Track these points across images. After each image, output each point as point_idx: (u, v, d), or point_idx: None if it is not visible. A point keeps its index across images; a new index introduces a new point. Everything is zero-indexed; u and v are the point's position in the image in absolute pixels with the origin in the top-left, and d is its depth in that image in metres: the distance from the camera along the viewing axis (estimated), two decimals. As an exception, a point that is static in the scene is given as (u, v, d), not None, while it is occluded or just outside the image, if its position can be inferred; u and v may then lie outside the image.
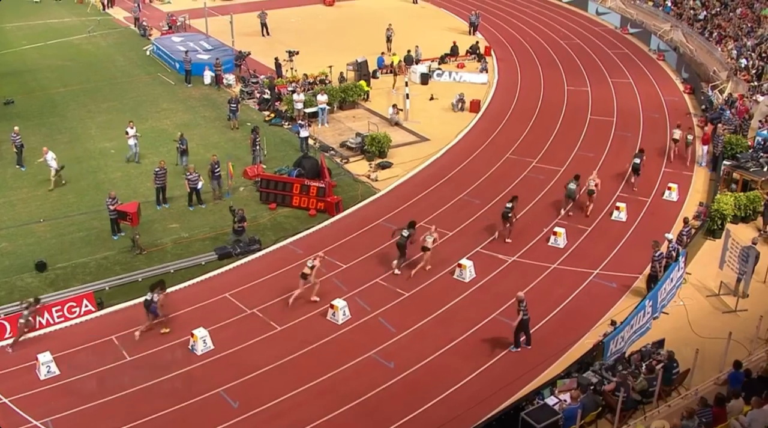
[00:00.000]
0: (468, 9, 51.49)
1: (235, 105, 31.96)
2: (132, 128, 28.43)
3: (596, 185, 24.47)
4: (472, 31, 47.10)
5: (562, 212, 24.38)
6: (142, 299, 19.32)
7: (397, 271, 21.17)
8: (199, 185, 24.94)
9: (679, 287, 20.03)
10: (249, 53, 38.81)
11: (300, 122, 30.23)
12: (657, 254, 19.86)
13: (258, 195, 25.85)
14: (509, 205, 22.59)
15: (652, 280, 19.84)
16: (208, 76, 37.68)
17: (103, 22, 50.90)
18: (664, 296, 19.27)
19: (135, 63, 41.64)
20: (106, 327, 19.16)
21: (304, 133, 29.46)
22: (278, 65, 37.28)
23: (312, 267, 19.74)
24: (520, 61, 41.91)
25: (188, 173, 24.91)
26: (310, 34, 46.86)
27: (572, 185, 24.47)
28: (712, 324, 18.71)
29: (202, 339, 18.20)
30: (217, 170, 25.51)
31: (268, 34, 45.56)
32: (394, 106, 32.62)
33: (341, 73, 36.32)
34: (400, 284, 20.74)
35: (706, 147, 28.03)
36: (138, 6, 51.08)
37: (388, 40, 42.15)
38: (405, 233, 21.28)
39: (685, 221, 22.03)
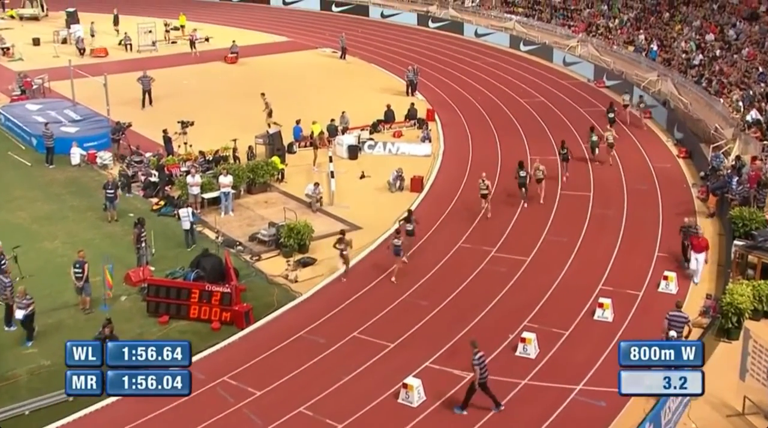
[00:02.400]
0: (404, 64, 52.87)
1: (112, 191, 31.90)
2: None
3: (614, 138, 36.75)
4: (410, 91, 48.36)
5: (589, 163, 36.39)
6: None
7: (525, 205, 32.12)
8: (20, 316, 23.87)
9: (688, 405, 19.93)
10: (129, 124, 38.91)
11: (187, 208, 30.31)
12: (477, 357, 20.00)
13: (144, 306, 25.59)
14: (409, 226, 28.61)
15: (481, 388, 20.04)
16: (76, 154, 37.65)
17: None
18: (670, 416, 19.22)
19: (-23, 139, 41.44)
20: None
21: (185, 224, 29.58)
22: (168, 140, 37.50)
23: (488, 186, 31.05)
24: (470, 125, 43.07)
25: (18, 298, 23.99)
26: (208, 98, 47.41)
27: (594, 137, 36.82)
28: (737, 454, 18.66)
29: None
30: (78, 272, 25.18)
31: (150, 103, 45.72)
32: (316, 184, 33.00)
33: (249, 147, 36.73)
34: (330, 414, 20.60)
35: (701, 256, 26.52)
36: (-23, 64, 50.99)
37: (269, 113, 41.77)
38: (522, 173, 32.18)
39: (677, 304, 22.45)
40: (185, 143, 37.53)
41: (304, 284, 27.11)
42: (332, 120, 40.06)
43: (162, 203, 33.13)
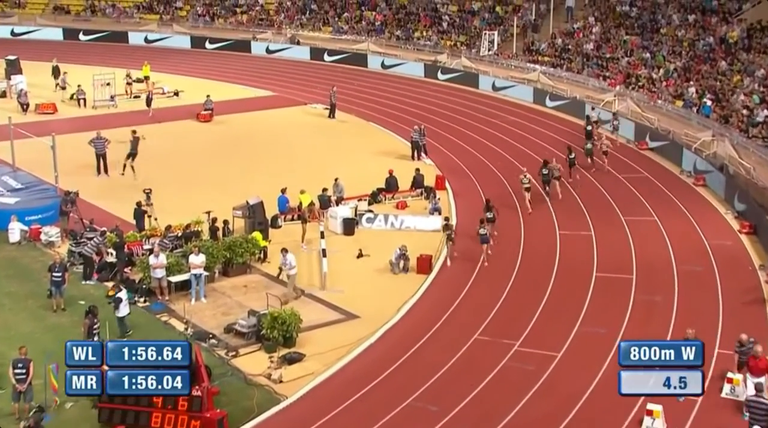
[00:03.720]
0: (409, 123, 53.18)
1: (59, 274, 31.67)
2: None
3: (609, 147, 47.07)
4: (416, 154, 48.64)
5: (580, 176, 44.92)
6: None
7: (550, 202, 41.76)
8: None
9: None
10: (77, 193, 38.58)
11: (118, 293, 29.95)
12: None
13: (96, 414, 25.35)
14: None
15: None
16: (16, 229, 37.55)
17: None
18: None
19: None
20: None
21: (123, 309, 29.36)
22: (141, 214, 37.33)
23: (530, 179, 40.82)
24: (488, 195, 42.89)
25: None
26: (177, 163, 47.73)
27: (589, 145, 46.87)
28: None
29: None
30: (22, 374, 24.94)
31: (105, 172, 45.77)
32: (284, 251, 32.74)
33: (225, 221, 36.74)
34: None
35: (762, 380, 25.08)
36: None
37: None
38: (545, 171, 41.90)
39: (757, 388, 22.35)
40: (149, 216, 37.57)
41: (289, 385, 26.89)
42: (324, 189, 40.19)
43: (120, 287, 32.93)
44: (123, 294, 29.92)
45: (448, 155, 49.57)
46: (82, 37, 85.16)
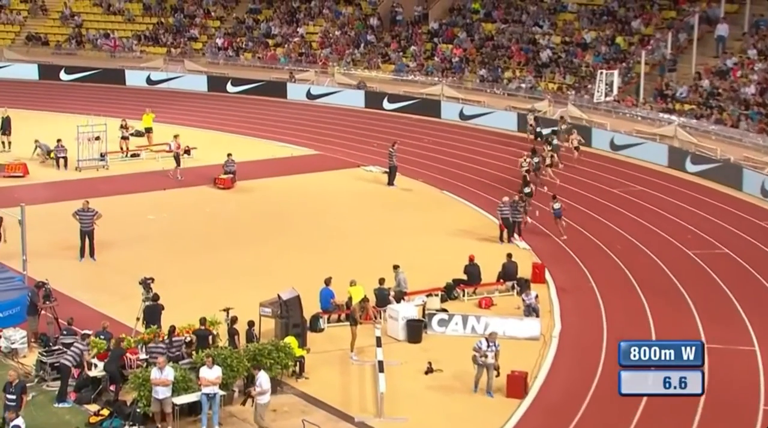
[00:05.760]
0: (497, 192, 53.14)
1: (14, 398, 31.03)
2: None
3: (581, 142, 62.53)
4: (506, 235, 48.69)
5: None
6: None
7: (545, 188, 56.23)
8: None
9: None
10: (45, 284, 38.47)
11: (14, 422, 29.30)
12: None
13: None
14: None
15: None
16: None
17: None
18: None
19: None
20: None
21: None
22: (157, 312, 37.01)
23: (529, 163, 57.19)
24: (603, 290, 42.96)
25: None
26: (185, 243, 48.24)
27: (555, 141, 61.30)
28: None
29: None
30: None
31: (92, 254, 46.14)
32: (256, 368, 32.43)
33: (250, 322, 36.69)
34: None
35: None
36: None
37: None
38: (536, 160, 57.19)
39: None
40: (139, 318, 37.42)
41: None
42: (381, 280, 40.16)
43: (105, 412, 32.91)
44: (20, 422, 29.08)
45: (550, 236, 49.37)
46: (63, 75, 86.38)
